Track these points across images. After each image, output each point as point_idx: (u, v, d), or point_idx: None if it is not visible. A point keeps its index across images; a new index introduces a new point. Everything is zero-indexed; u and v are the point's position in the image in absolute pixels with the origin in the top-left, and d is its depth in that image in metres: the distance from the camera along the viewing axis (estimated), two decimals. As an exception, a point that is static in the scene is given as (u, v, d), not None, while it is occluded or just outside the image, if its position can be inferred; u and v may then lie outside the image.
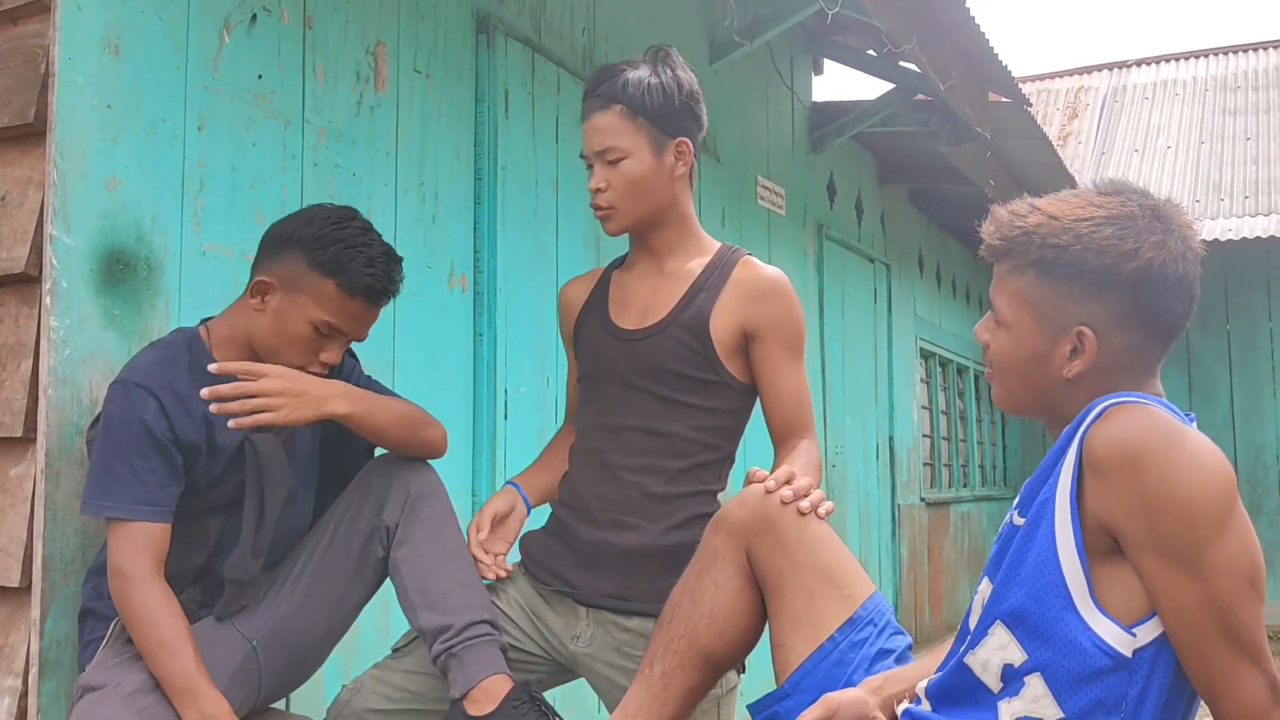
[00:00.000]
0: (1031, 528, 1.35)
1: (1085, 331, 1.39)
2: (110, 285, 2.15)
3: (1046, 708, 1.31)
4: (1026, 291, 1.43)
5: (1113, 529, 1.29)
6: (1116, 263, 1.37)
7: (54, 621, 2.01)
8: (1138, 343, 1.41)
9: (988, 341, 1.51)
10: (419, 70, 3.08)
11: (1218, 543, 1.24)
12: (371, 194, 2.86)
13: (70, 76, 2.11)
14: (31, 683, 1.99)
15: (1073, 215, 1.41)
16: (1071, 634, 1.30)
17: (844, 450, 6.18)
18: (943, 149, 5.82)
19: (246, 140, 2.48)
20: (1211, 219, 9.08)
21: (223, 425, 1.90)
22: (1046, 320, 1.42)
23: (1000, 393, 1.52)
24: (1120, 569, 1.30)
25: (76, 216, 2.09)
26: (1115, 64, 11.97)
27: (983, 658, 1.38)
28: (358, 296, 1.95)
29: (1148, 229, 1.39)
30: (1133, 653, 1.29)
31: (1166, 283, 1.39)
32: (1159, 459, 1.25)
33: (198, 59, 2.37)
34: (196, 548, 1.96)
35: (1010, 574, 1.36)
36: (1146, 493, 1.25)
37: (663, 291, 2.10)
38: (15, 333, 2.10)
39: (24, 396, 2.05)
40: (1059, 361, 1.41)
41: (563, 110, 3.70)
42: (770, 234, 5.40)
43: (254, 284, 1.96)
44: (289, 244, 1.95)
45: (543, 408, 3.51)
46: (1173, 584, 1.25)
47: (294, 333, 1.94)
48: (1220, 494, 1.26)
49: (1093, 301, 1.39)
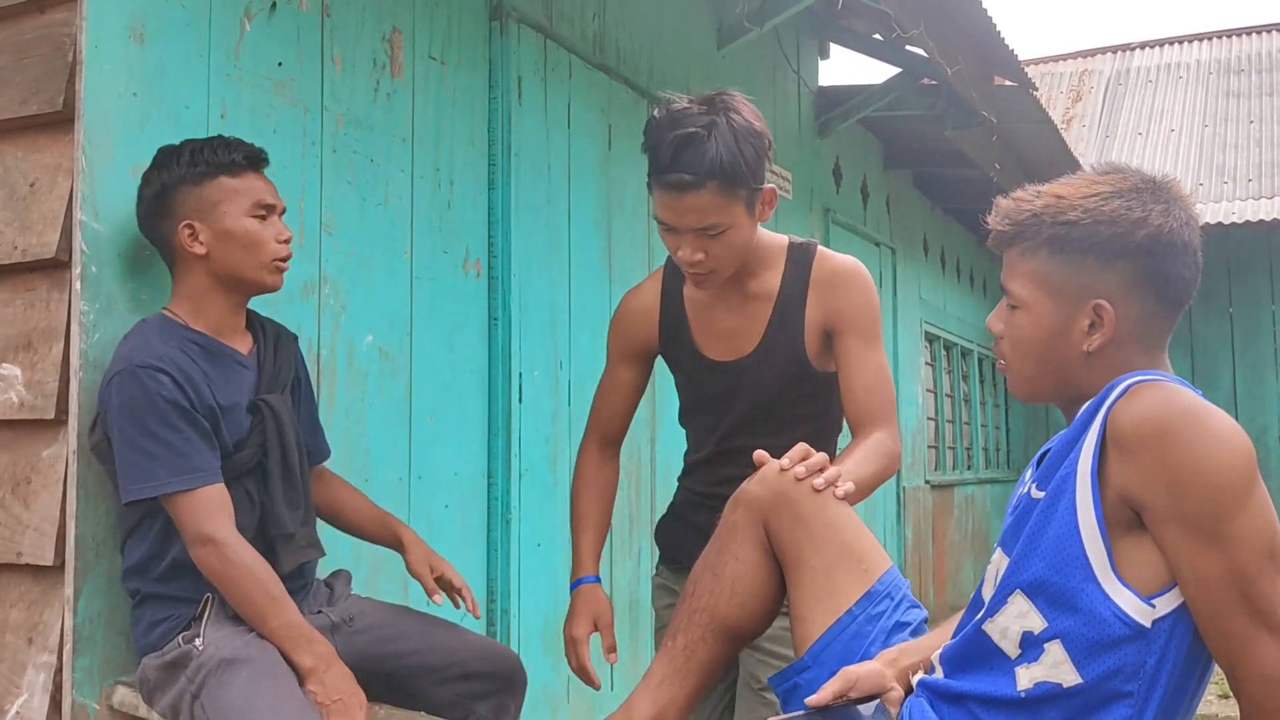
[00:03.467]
0: (1052, 501, 1.38)
1: (1103, 304, 1.42)
2: (137, 270, 2.19)
3: (1065, 673, 1.35)
4: (1040, 271, 1.46)
5: (1136, 503, 1.33)
6: (1127, 231, 1.41)
7: (86, 599, 2.06)
8: (1150, 312, 1.44)
9: (1002, 331, 1.53)
10: (434, 57, 3.11)
11: (1240, 515, 1.28)
12: (389, 179, 2.90)
13: (97, 65, 2.14)
14: (66, 658, 2.05)
15: (1079, 193, 1.45)
16: (1092, 604, 1.33)
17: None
18: (948, 133, 5.85)
19: (267, 127, 2.52)
20: (1215, 202, 9.11)
21: (222, 386, 2.00)
22: (1063, 296, 1.45)
23: (1017, 380, 1.54)
24: (1141, 542, 1.34)
25: (104, 202, 2.13)
26: (1119, 47, 11.98)
27: (1002, 625, 1.41)
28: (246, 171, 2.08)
29: (1151, 199, 1.43)
30: (1151, 623, 1.33)
31: (1175, 249, 1.43)
32: (1183, 434, 1.29)
33: (220, 47, 2.41)
34: (244, 511, 2.00)
35: (1030, 545, 1.40)
36: (1171, 466, 1.29)
37: (748, 315, 2.12)
38: (46, 316, 2.14)
39: (55, 379, 2.10)
40: (1077, 337, 1.44)
41: (574, 96, 3.73)
42: (776, 218, 5.42)
43: (178, 237, 2.04)
44: (173, 190, 2.05)
45: (556, 391, 3.56)
46: (1195, 555, 1.29)
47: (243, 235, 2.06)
48: (1243, 468, 1.29)
49: (1106, 272, 1.43)
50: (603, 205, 3.88)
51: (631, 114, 4.12)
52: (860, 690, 1.58)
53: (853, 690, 1.57)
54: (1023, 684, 1.38)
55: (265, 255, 2.05)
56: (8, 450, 2.17)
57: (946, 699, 1.47)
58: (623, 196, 4.01)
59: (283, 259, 2.08)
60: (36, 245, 2.13)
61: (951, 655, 1.50)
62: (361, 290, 2.76)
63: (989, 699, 1.41)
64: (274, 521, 2.04)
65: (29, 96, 2.19)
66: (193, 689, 1.86)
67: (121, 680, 2.09)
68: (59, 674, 2.05)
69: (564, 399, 3.60)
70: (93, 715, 2.06)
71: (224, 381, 2.03)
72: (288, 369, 2.19)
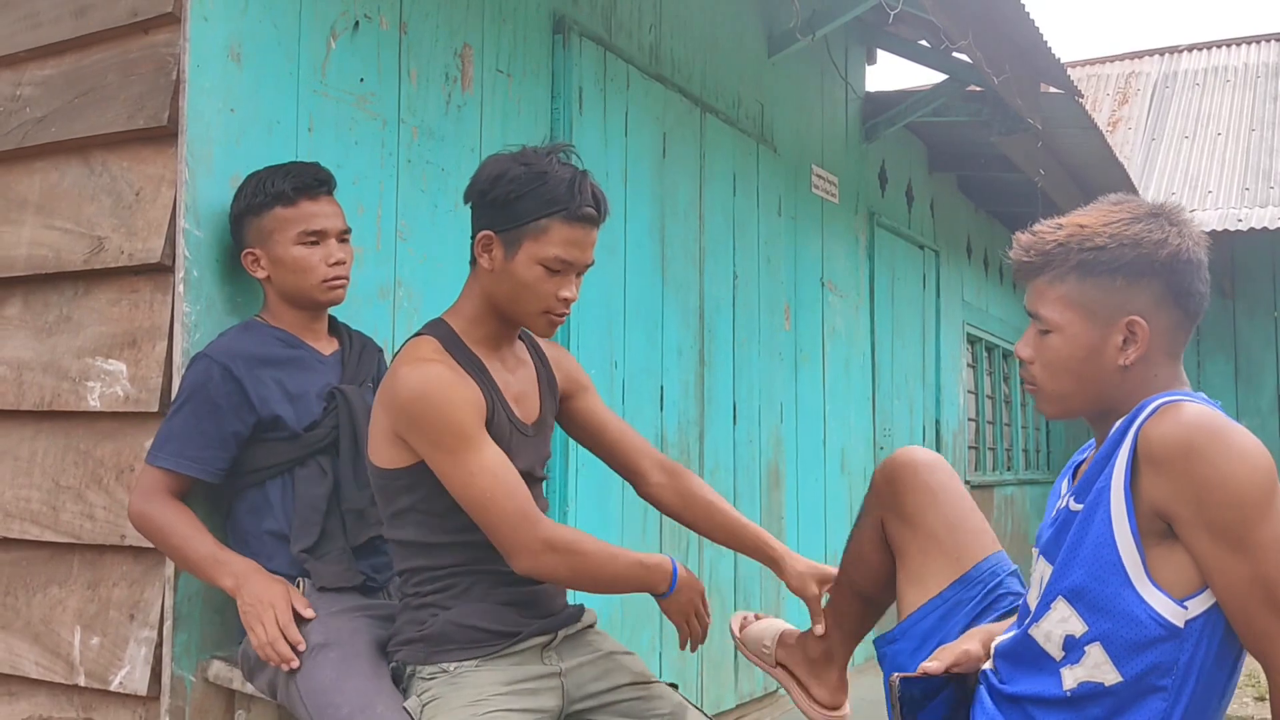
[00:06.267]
0: (1089, 513, 1.50)
1: (1137, 320, 1.53)
2: (234, 274, 2.35)
3: (1106, 673, 1.47)
4: (1072, 294, 1.57)
5: (1167, 514, 1.44)
6: (1151, 252, 1.53)
7: (185, 579, 2.22)
8: (1174, 325, 1.56)
9: (1032, 356, 1.63)
10: (501, 70, 3.26)
11: (1263, 524, 1.39)
12: (458, 188, 3.02)
13: (199, 82, 2.31)
14: (166, 634, 2.21)
15: (1101, 221, 1.57)
16: (1129, 607, 1.45)
17: (891, 433, 6.33)
18: (993, 139, 5.92)
19: (350, 139, 2.68)
20: (1261, 206, 9.09)
21: (295, 376, 2.22)
22: (1095, 316, 1.55)
23: (1050, 399, 1.63)
24: (1173, 550, 1.45)
25: (205, 211, 2.29)
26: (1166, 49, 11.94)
27: (1045, 629, 1.54)
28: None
29: (1167, 223, 1.56)
30: (1184, 623, 1.44)
31: (1192, 266, 1.56)
32: (1209, 451, 1.40)
33: (308, 65, 2.57)
34: (316, 482, 2.19)
35: (1070, 555, 1.52)
36: (1198, 481, 1.40)
37: (526, 378, 2.16)
38: (151, 317, 2.31)
39: (159, 375, 2.27)
40: (1112, 353, 1.55)
41: (631, 105, 3.87)
42: (823, 221, 5.55)
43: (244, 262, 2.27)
44: (239, 220, 2.26)
45: (610, 389, 3.70)
46: (1223, 561, 1.40)
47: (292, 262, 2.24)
48: (1265, 480, 1.40)
49: (1135, 291, 1.54)
50: (657, 210, 4.02)
51: (685, 122, 4.25)
52: (964, 668, 1.71)
53: (959, 667, 1.70)
54: (1068, 684, 1.50)
55: (315, 278, 2.24)
56: (112, 440, 2.34)
57: (1004, 700, 1.60)
58: (676, 202, 4.15)
59: (332, 279, 2.26)
60: (142, 250, 2.30)
61: (1004, 655, 1.63)
62: (434, 293, 2.92)
63: (1040, 699, 1.53)
64: (345, 497, 2.22)
65: (135, 111, 2.35)
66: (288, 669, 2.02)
67: (217, 655, 2.25)
68: (159, 648, 2.22)
69: (618, 396, 3.74)
70: (190, 687, 2.23)
71: (298, 372, 2.23)
72: (368, 369, 2.37)
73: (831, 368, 5.52)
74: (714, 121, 4.46)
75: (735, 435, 4.57)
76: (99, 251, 2.36)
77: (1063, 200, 7.12)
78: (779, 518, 4.91)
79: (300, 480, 2.18)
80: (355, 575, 2.19)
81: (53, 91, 2.49)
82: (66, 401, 2.37)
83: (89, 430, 2.37)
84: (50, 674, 2.34)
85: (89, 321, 2.39)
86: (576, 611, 2.12)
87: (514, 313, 1.98)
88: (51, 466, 2.41)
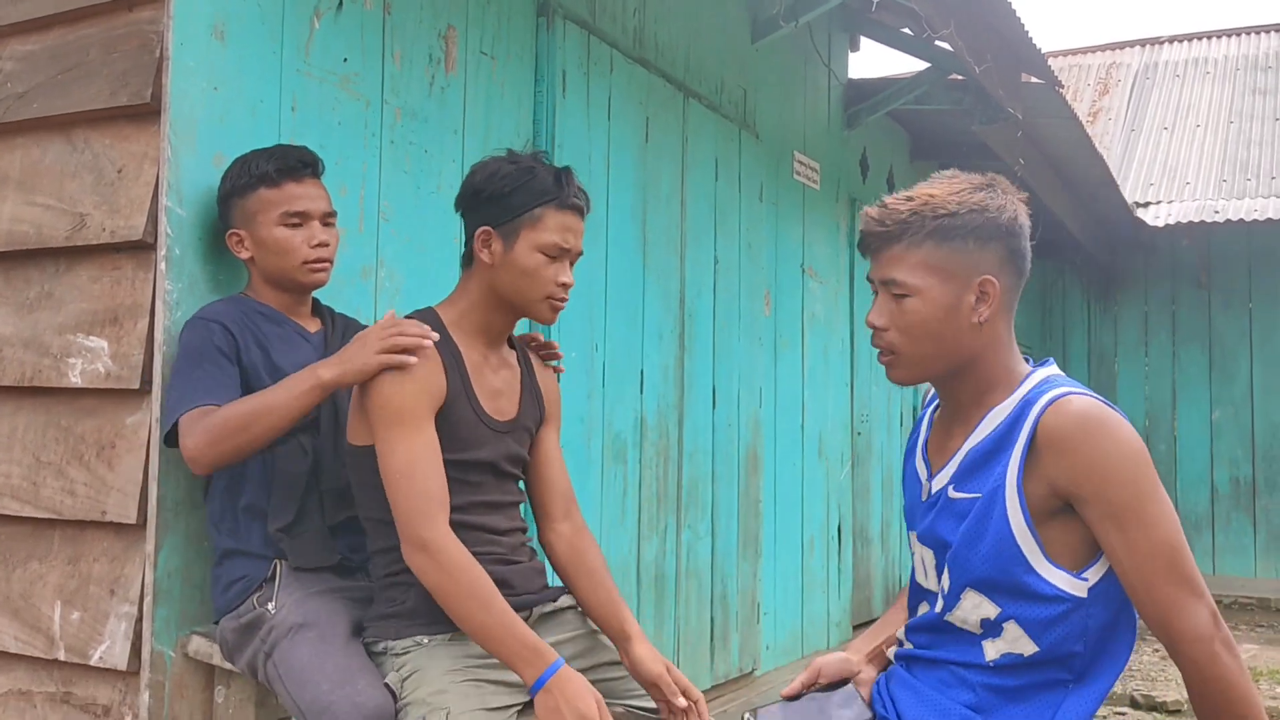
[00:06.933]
0: (986, 508, 1.60)
1: (990, 279, 1.65)
2: (216, 253, 2.36)
3: (1024, 645, 1.59)
4: (929, 258, 1.66)
5: (1069, 495, 1.56)
6: (994, 217, 1.66)
7: (166, 555, 2.24)
8: (1013, 285, 1.69)
9: (887, 324, 1.70)
10: (484, 52, 3.27)
11: (1155, 498, 1.53)
12: (441, 170, 3.06)
13: (182, 60, 2.31)
14: (146, 610, 2.22)
15: (948, 190, 1.67)
16: (1035, 588, 1.57)
17: (869, 419, 6.38)
18: (974, 128, 5.95)
19: (333, 120, 2.68)
20: (1238, 199, 9.16)
21: (281, 350, 2.23)
22: (951, 278, 1.65)
23: (907, 363, 1.71)
24: (1066, 525, 1.57)
25: (188, 189, 2.30)
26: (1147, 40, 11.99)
27: (961, 615, 1.64)
28: None
29: (1001, 191, 1.69)
30: (1086, 592, 1.57)
31: (1023, 230, 1.69)
32: (1101, 438, 1.53)
33: (291, 44, 2.57)
34: (296, 459, 2.21)
35: (969, 548, 1.62)
36: (1098, 465, 1.53)
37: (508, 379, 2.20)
38: (132, 294, 2.31)
39: (140, 352, 2.27)
40: (966, 312, 1.65)
41: (615, 89, 3.88)
42: (805, 208, 5.57)
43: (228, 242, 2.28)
44: (226, 201, 2.27)
45: (591, 372, 3.72)
46: (1125, 535, 1.52)
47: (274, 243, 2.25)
48: (1146, 460, 1.55)
49: (985, 253, 1.65)
50: (639, 195, 4.03)
51: (668, 107, 4.26)
52: (827, 677, 1.82)
53: (820, 678, 1.82)
54: (990, 655, 1.61)
55: (296, 259, 2.26)
56: (94, 416, 2.35)
57: (924, 663, 1.69)
58: (658, 186, 4.17)
59: (314, 261, 2.27)
60: (124, 228, 2.30)
61: (923, 630, 1.72)
62: (415, 274, 2.93)
63: (967, 664, 1.64)
64: (324, 476, 2.24)
65: (118, 89, 2.35)
66: (265, 649, 2.05)
67: (196, 630, 2.27)
68: (139, 624, 2.23)
69: (598, 380, 3.76)
70: (169, 662, 2.24)
71: (284, 346, 2.25)
72: None
73: (811, 353, 5.56)
74: (697, 106, 4.48)
75: (714, 419, 4.61)
76: (81, 228, 2.36)
77: (1042, 189, 7.17)
78: (756, 501, 4.95)
79: (280, 457, 2.19)
80: (332, 554, 2.21)
81: (35, 67, 2.49)
82: (48, 378, 2.38)
83: (70, 407, 2.38)
84: (30, 649, 2.36)
85: (70, 298, 2.39)
86: (555, 592, 2.15)
87: (518, 301, 2.07)
88: (32, 442, 2.41)
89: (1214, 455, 9.41)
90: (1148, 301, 9.85)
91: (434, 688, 1.88)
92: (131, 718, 2.25)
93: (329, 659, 1.97)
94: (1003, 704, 1.59)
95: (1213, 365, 9.53)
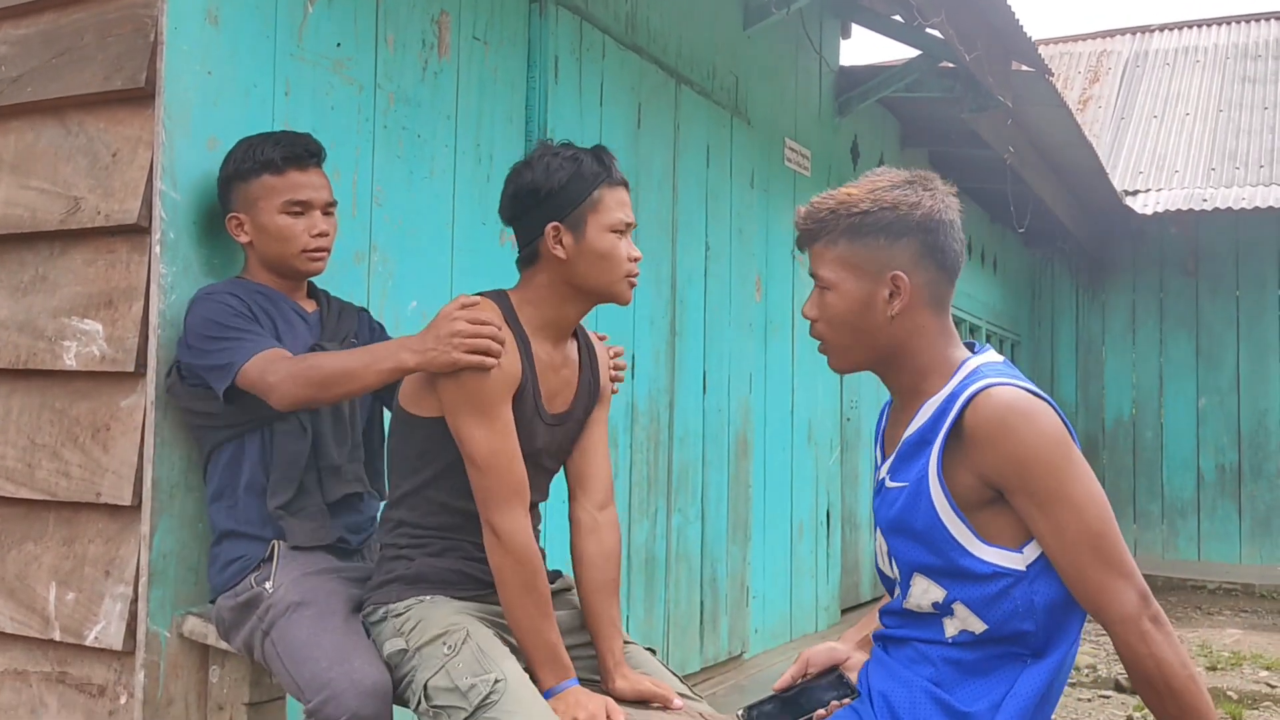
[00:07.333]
0: (914, 497, 1.66)
1: (899, 274, 1.69)
2: (210, 237, 2.37)
3: (974, 623, 1.64)
4: (843, 255, 1.72)
5: (995, 483, 1.61)
6: (907, 213, 1.69)
7: (161, 537, 2.26)
8: (934, 279, 1.72)
9: (817, 315, 1.78)
10: (477, 38, 3.27)
11: (1076, 481, 1.58)
12: (434, 155, 3.07)
13: (176, 44, 2.32)
14: (141, 590, 2.25)
15: (864, 189, 1.73)
16: (972, 568, 1.62)
17: (858, 405, 6.42)
18: (965, 115, 5.98)
19: (326, 104, 2.69)
20: (1226, 187, 9.21)
21: (282, 329, 2.24)
22: (864, 274, 1.71)
23: (835, 353, 1.79)
24: (1002, 510, 1.63)
25: (182, 173, 2.31)
26: (1138, 28, 12.03)
27: (915, 600, 1.70)
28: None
29: (921, 187, 1.72)
30: (1025, 566, 1.61)
31: (944, 226, 1.71)
32: (1021, 428, 1.59)
33: (285, 29, 2.58)
34: (296, 438, 2.23)
35: (906, 535, 1.69)
36: (1017, 454, 1.58)
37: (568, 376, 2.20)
38: (127, 277, 2.33)
39: (135, 335, 2.29)
40: (880, 305, 1.71)
41: (607, 75, 3.90)
42: (796, 195, 5.59)
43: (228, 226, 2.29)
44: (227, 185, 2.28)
45: (582, 357, 3.74)
46: (1051, 520, 1.57)
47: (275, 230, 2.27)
48: (1068, 445, 1.59)
49: (896, 249, 1.69)
50: (631, 181, 4.00)
51: (660, 93, 4.28)
52: (816, 667, 1.88)
53: (809, 668, 1.88)
54: (949, 632, 1.67)
55: (296, 247, 2.28)
56: (88, 399, 2.36)
57: (895, 642, 1.76)
58: (650, 172, 4.18)
59: (314, 250, 2.29)
60: (119, 211, 2.31)
61: (892, 613, 1.78)
62: (409, 258, 2.95)
63: (931, 641, 1.70)
64: (322, 453, 2.26)
65: (112, 73, 2.36)
66: (263, 627, 2.07)
67: (191, 611, 2.30)
68: (134, 604, 2.25)
69: (589, 365, 3.78)
70: (164, 642, 2.27)
71: (284, 325, 2.27)
72: (348, 326, 2.41)
73: (801, 339, 5.59)
74: (689, 93, 4.49)
75: (705, 404, 4.63)
76: (75, 212, 2.37)
77: (1032, 177, 7.20)
78: (746, 486, 4.98)
79: (280, 435, 2.21)
80: (329, 533, 2.23)
81: (29, 51, 2.50)
82: (42, 360, 2.39)
83: (65, 389, 2.40)
84: (25, 629, 2.38)
85: (65, 281, 2.40)
86: (552, 575, 2.18)
87: (599, 286, 2.07)
88: (27, 424, 2.43)
89: (1200, 442, 9.49)
90: (1135, 289, 9.90)
91: (448, 620, 1.94)
92: (127, 697, 2.27)
93: (326, 637, 1.99)
94: (962, 678, 1.65)
95: (1200, 353, 9.59)
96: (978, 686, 1.64)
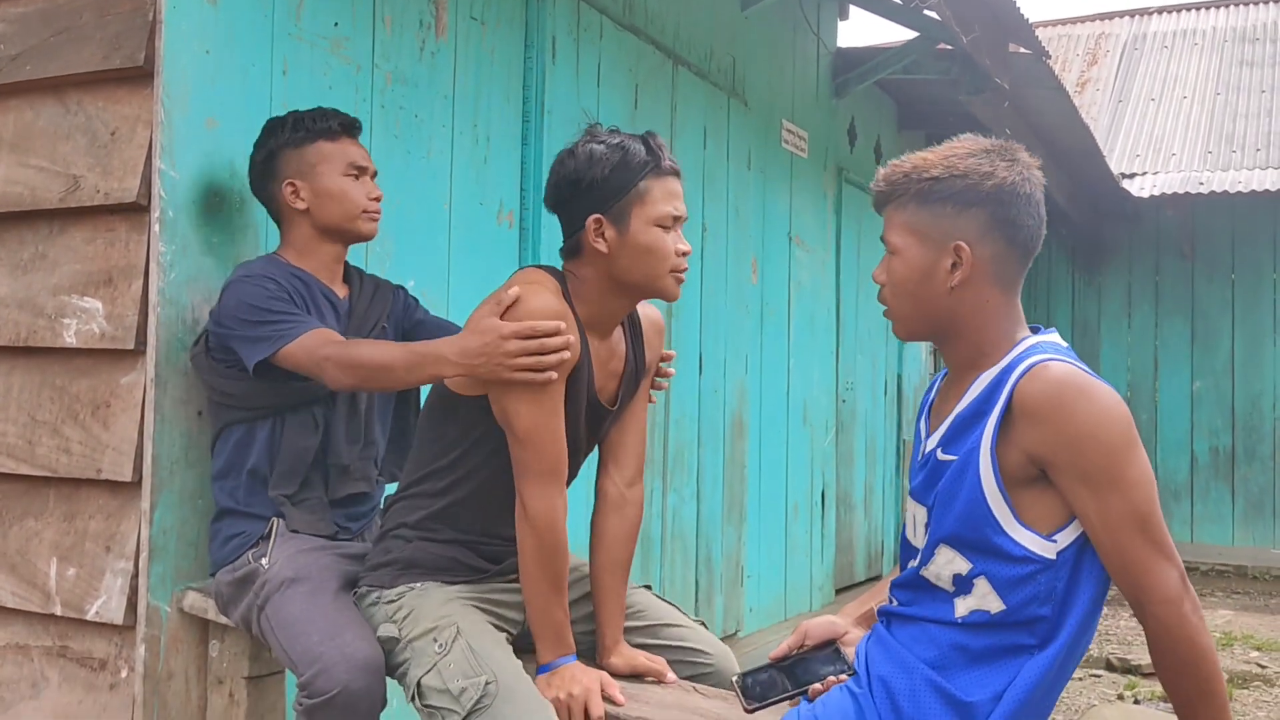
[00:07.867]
0: (961, 469, 1.65)
1: (961, 245, 1.66)
2: (209, 215, 2.38)
3: (992, 602, 1.63)
4: (910, 220, 1.70)
5: (1043, 461, 1.59)
6: (978, 183, 1.66)
7: (161, 513, 2.28)
8: (1001, 254, 1.67)
9: (883, 280, 1.77)
10: (475, 18, 3.28)
11: (1130, 464, 1.56)
12: (431, 135, 3.08)
13: (175, 24, 2.33)
14: (141, 565, 2.27)
15: (940, 155, 1.70)
16: (1004, 548, 1.61)
17: (853, 387, 6.44)
18: (962, 98, 5.98)
19: (324, 84, 2.70)
20: (1223, 170, 9.21)
21: (315, 315, 2.23)
22: (929, 241, 1.68)
23: (896, 320, 1.78)
24: (1042, 493, 1.61)
25: (181, 152, 2.32)
26: (1136, 11, 11.99)
27: (934, 570, 1.69)
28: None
29: (999, 157, 1.68)
30: (1056, 555, 1.60)
31: (1019, 199, 1.67)
32: (1078, 405, 1.56)
33: (283, 8, 2.59)
34: (308, 433, 2.24)
35: (945, 505, 1.67)
36: (1071, 432, 1.56)
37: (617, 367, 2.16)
38: (126, 256, 2.34)
39: (134, 313, 2.31)
40: (942, 275, 1.68)
41: (604, 56, 3.90)
42: (792, 176, 5.60)
43: (282, 194, 2.28)
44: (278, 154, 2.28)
45: (578, 337, 3.76)
46: (1099, 500, 1.56)
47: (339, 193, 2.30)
48: (1127, 428, 1.57)
49: (963, 218, 1.66)
50: (627, 161, 4.05)
51: (658, 74, 4.28)
52: (814, 639, 1.89)
53: (807, 640, 1.88)
54: (960, 611, 1.66)
55: (357, 208, 2.31)
56: (88, 376, 2.38)
57: (900, 620, 1.75)
58: (646, 153, 4.18)
59: (372, 211, 2.33)
60: (118, 190, 2.33)
61: (902, 586, 1.77)
62: (406, 239, 2.96)
63: (939, 621, 1.69)
64: (333, 451, 2.27)
65: (111, 52, 2.37)
66: (259, 602, 2.09)
67: (191, 586, 2.32)
68: (135, 579, 2.28)
69: (586, 345, 3.80)
70: (165, 617, 2.29)
71: (315, 312, 2.26)
72: (378, 312, 2.41)
73: (796, 321, 5.61)
74: (686, 74, 4.49)
75: (701, 386, 4.65)
76: (75, 190, 2.39)
77: (1028, 160, 7.18)
78: (741, 466, 5.01)
79: (290, 427, 2.23)
80: (329, 526, 2.26)
81: (28, 29, 2.50)
82: (43, 338, 2.41)
83: (65, 366, 2.42)
84: (26, 603, 2.40)
85: (65, 259, 2.42)
86: None
87: (643, 282, 2.00)
88: (28, 401, 2.45)
89: (1194, 425, 9.51)
90: (1132, 272, 9.91)
91: (438, 613, 1.94)
92: (127, 671, 2.30)
93: (320, 612, 2.01)
94: (965, 664, 1.64)
95: (1195, 336, 9.60)
96: (980, 675, 1.63)
